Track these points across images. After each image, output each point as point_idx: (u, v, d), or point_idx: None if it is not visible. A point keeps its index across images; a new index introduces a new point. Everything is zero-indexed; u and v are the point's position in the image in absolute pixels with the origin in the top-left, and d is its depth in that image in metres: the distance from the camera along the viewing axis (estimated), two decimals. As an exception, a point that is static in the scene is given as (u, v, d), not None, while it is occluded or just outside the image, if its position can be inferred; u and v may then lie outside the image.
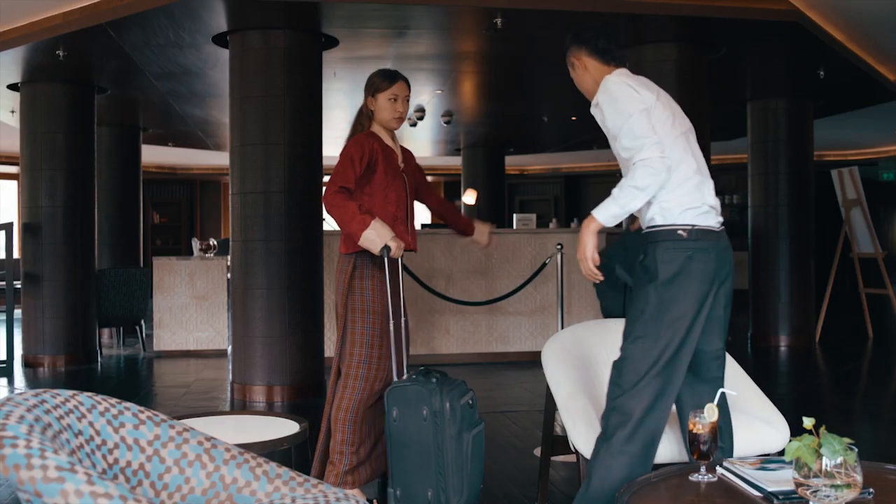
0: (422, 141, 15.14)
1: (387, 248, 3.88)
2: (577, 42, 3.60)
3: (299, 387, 6.83)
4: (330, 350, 8.06)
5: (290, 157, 6.82)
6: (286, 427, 3.53)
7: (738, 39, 7.56)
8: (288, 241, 6.79)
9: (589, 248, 3.24)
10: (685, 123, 3.33)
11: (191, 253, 10.54)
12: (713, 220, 3.11)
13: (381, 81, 4.44)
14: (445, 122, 12.01)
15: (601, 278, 3.34)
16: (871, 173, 17.59)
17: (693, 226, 3.05)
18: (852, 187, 10.24)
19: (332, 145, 14.89)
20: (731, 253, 3.17)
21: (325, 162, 7.74)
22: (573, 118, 12.46)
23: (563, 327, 6.09)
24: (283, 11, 6.52)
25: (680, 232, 3.05)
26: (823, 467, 2.19)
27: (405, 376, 3.68)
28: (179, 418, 3.51)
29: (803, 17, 7.04)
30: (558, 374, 3.53)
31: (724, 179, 18.18)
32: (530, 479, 4.46)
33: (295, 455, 3.73)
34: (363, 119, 4.42)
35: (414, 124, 11.81)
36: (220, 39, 7.13)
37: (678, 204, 3.08)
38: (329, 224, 8.44)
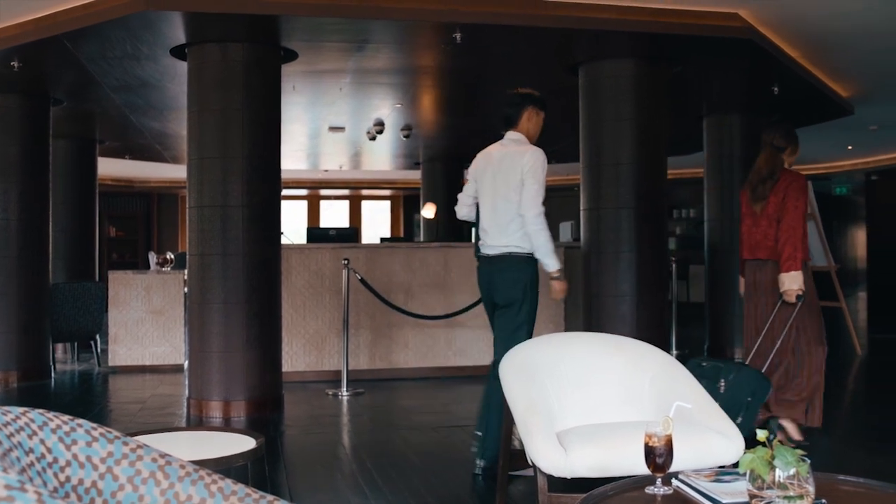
0: (381, 155, 15.14)
1: None
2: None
3: (257, 402, 6.78)
4: (288, 364, 8.02)
5: (249, 171, 6.78)
6: (243, 443, 3.49)
7: (695, 56, 7.66)
8: (246, 254, 6.75)
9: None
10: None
11: (147, 267, 10.45)
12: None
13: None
14: (405, 136, 12.02)
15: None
16: (825, 188, 17.88)
17: None
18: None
19: (291, 159, 14.98)
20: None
21: (284, 175, 7.72)
22: (532, 132, 12.51)
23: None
24: (242, 24, 6.50)
25: None
26: (776, 479, 2.21)
27: None
28: (134, 435, 3.47)
29: (757, 35, 7.15)
30: (515, 389, 3.54)
31: (681, 194, 18.39)
32: (489, 494, 4.46)
33: (252, 471, 3.71)
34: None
35: (373, 138, 11.82)
36: (178, 52, 7.08)
37: None
38: (287, 238, 8.41)
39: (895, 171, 16.36)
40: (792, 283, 5.18)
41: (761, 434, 2.26)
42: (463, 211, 5.33)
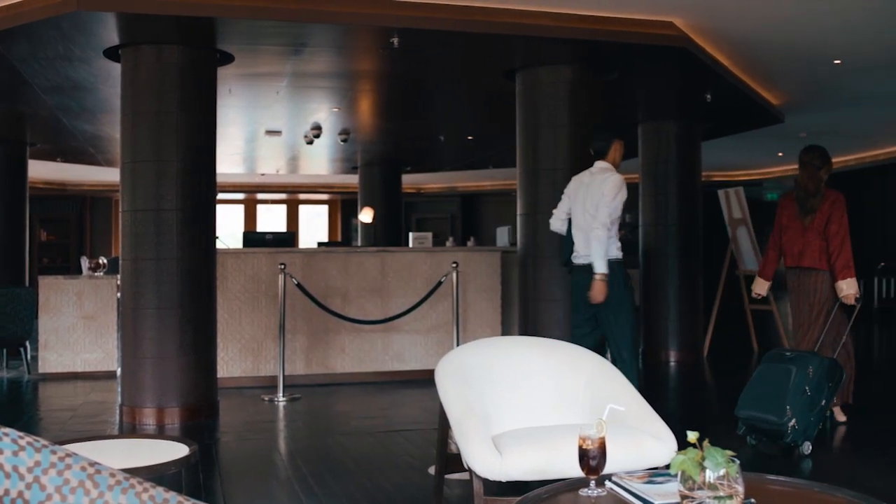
0: (318, 159, 15.08)
1: None
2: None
3: (192, 408, 6.69)
4: (224, 370, 7.94)
5: (183, 175, 6.70)
6: (176, 450, 3.45)
7: (630, 63, 7.76)
8: (180, 259, 6.66)
9: None
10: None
11: (79, 271, 10.25)
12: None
13: None
14: (342, 140, 11.98)
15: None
16: (757, 193, 18.22)
17: None
18: (738, 207, 10.58)
19: (228, 162, 14.82)
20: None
21: (220, 179, 7.65)
22: (469, 138, 12.58)
23: (458, 345, 6.12)
24: (176, 26, 6.42)
25: None
26: (707, 479, 2.25)
27: None
28: (64, 443, 3.41)
29: (691, 43, 7.27)
30: (451, 393, 3.55)
31: (617, 199, 18.55)
32: (425, 498, 4.47)
33: (185, 478, 3.66)
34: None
35: (310, 142, 11.76)
36: (111, 53, 6.97)
37: None
38: (223, 242, 8.34)
39: (824, 177, 16.72)
40: (849, 288, 5.92)
41: (691, 436, 2.30)
42: (556, 224, 6.27)
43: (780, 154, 15.59)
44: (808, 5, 6.53)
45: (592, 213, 5.73)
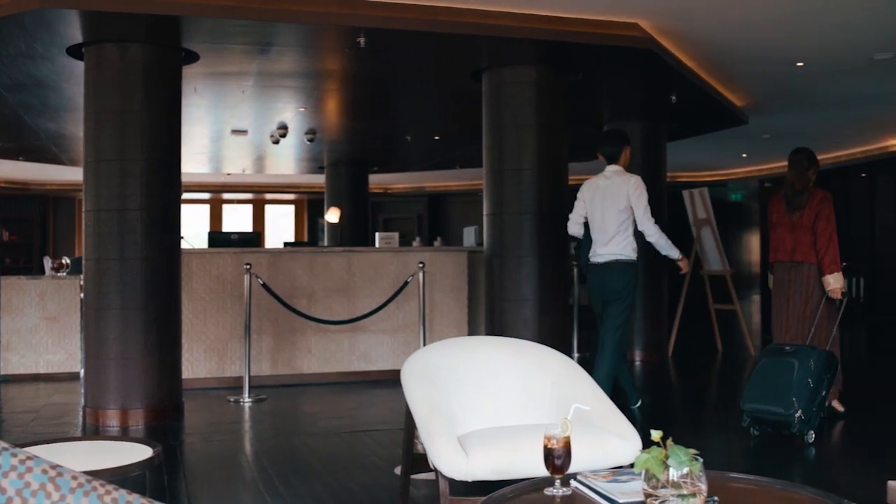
0: (284, 158, 15.02)
1: None
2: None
3: (156, 410, 6.64)
4: (189, 371, 7.89)
5: (148, 174, 6.65)
6: (139, 452, 3.43)
7: (595, 64, 7.80)
8: (144, 259, 6.61)
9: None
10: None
11: (42, 272, 10.13)
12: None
13: None
14: (309, 140, 11.94)
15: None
16: (721, 194, 18.39)
17: None
18: (702, 207, 10.67)
19: (193, 162, 14.72)
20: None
21: (186, 179, 7.60)
22: (436, 138, 12.59)
23: (425, 345, 6.13)
24: (141, 24, 6.36)
25: None
26: (670, 478, 2.27)
27: None
28: (26, 445, 3.37)
29: (656, 45, 7.32)
30: (417, 393, 3.55)
31: (583, 199, 18.65)
32: (391, 498, 4.46)
33: (150, 480, 3.64)
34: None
35: (276, 142, 11.71)
36: (75, 51, 6.90)
37: None
38: (188, 242, 8.28)
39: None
40: (836, 282, 6.22)
41: (655, 434, 2.31)
42: (573, 228, 6.74)
43: (745, 155, 15.75)
44: (772, 8, 6.60)
45: (614, 215, 6.30)
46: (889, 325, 13.85)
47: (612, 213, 6.31)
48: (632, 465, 2.43)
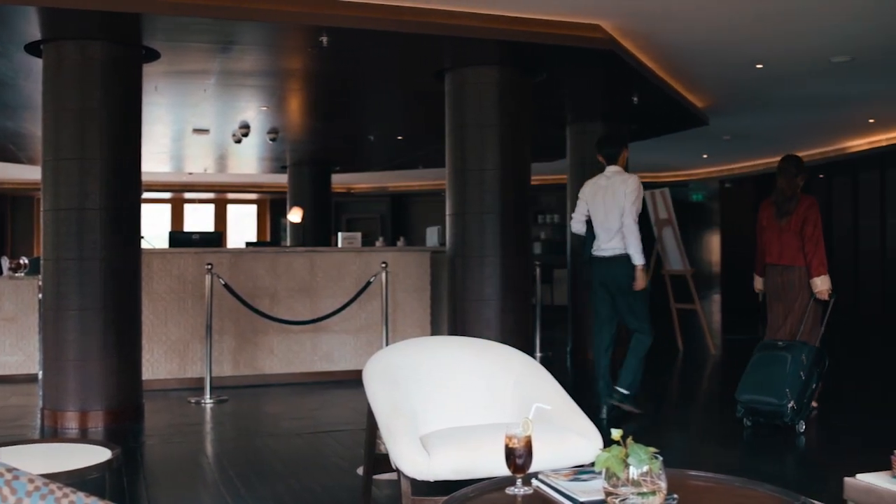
0: (247, 158, 14.93)
1: None
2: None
3: (116, 411, 6.57)
4: (149, 372, 7.82)
5: (107, 173, 6.58)
6: (98, 454, 3.39)
7: (558, 64, 7.83)
8: (104, 259, 6.54)
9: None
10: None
11: (0, 272, 9.99)
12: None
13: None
14: (271, 140, 11.88)
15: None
16: (682, 194, 18.55)
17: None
18: (664, 207, 10.76)
19: (154, 161, 14.59)
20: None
21: (146, 178, 7.53)
22: (399, 138, 12.58)
23: (387, 345, 6.12)
24: (101, 21, 6.30)
25: None
26: (630, 476, 2.28)
27: None
28: (-18, 447, 3.33)
29: (618, 46, 7.37)
30: (379, 393, 3.54)
31: (546, 199, 18.77)
32: (353, 499, 4.46)
33: (109, 483, 3.60)
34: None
35: (238, 141, 11.65)
36: (33, 48, 6.81)
37: None
38: (148, 242, 8.21)
39: (746, 179, 17.11)
40: (823, 284, 6.49)
41: (616, 433, 2.33)
42: (576, 226, 6.98)
43: (705, 156, 15.90)
44: (732, 11, 6.66)
45: (616, 212, 6.56)
46: (846, 325, 14.04)
47: (614, 210, 6.59)
48: (593, 464, 2.44)
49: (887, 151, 13.66)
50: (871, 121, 12.03)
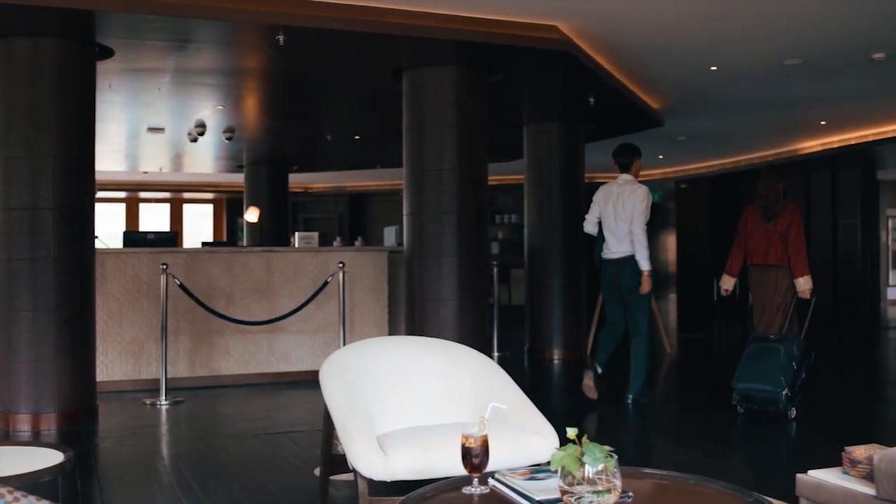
0: (203, 157, 14.81)
1: None
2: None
3: (69, 413, 6.48)
4: (104, 374, 7.73)
5: (60, 172, 6.49)
6: (50, 457, 3.34)
7: (515, 65, 7.86)
8: (57, 259, 6.45)
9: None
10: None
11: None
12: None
13: None
14: (227, 139, 11.80)
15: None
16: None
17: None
18: (620, 208, 10.82)
19: (108, 160, 14.42)
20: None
21: (101, 177, 7.44)
22: (357, 137, 12.55)
23: (345, 345, 6.11)
24: (53, 18, 6.21)
25: None
26: (586, 475, 2.30)
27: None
28: (-70, 451, 3.27)
29: (574, 47, 7.41)
30: (336, 393, 3.54)
31: (503, 199, 18.82)
32: (310, 499, 4.44)
33: (62, 486, 3.56)
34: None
35: (194, 140, 11.55)
36: (-18, 46, 6.70)
37: None
38: (102, 242, 8.12)
39: (702, 179, 17.29)
40: (806, 284, 6.94)
41: (571, 432, 2.35)
42: (589, 227, 7.45)
43: (661, 157, 16.03)
44: (687, 13, 6.73)
45: (626, 218, 7.03)
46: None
47: (623, 216, 7.06)
48: (549, 463, 2.45)
49: (838, 153, 13.88)
50: (823, 123, 12.21)
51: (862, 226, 15.19)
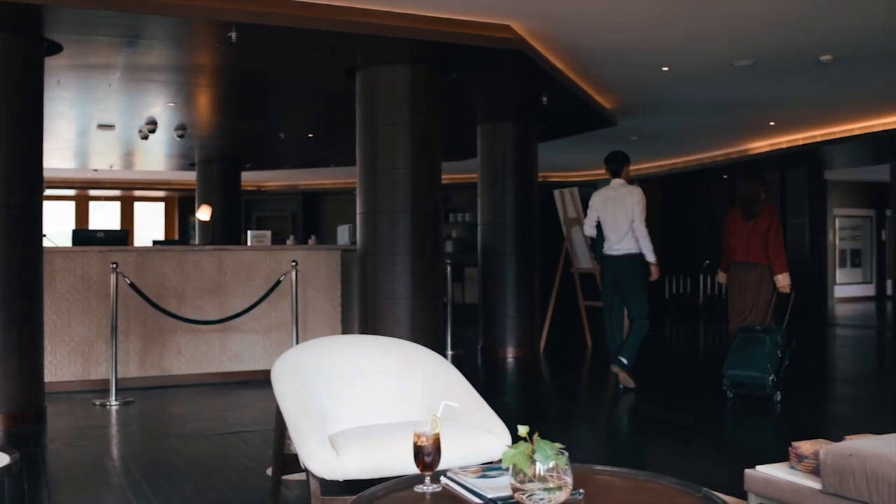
0: (154, 154, 14.65)
1: None
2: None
3: (16, 415, 6.37)
4: (52, 374, 7.62)
5: (7, 169, 6.37)
6: (-5, 459, 3.29)
7: (468, 64, 7.88)
8: (3, 258, 6.33)
9: None
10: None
11: None
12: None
13: None
14: (179, 136, 11.68)
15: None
16: (590, 194, 18.70)
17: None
18: (572, 207, 10.91)
19: (57, 157, 14.22)
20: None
21: (49, 174, 7.33)
22: (310, 135, 12.50)
23: (297, 344, 6.08)
24: (0, 13, 6.10)
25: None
26: (537, 472, 2.31)
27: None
28: None
29: (527, 47, 7.45)
30: (288, 393, 3.52)
31: (457, 198, 18.85)
32: (262, 499, 4.41)
33: (9, 489, 3.51)
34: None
35: (145, 137, 11.42)
36: (-74, 40, 6.57)
37: None
38: (50, 240, 8.00)
39: (653, 179, 17.45)
40: (785, 280, 7.57)
41: (522, 430, 2.36)
42: (588, 230, 8.20)
43: (613, 156, 16.12)
44: (639, 15, 6.79)
45: (624, 219, 7.68)
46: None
47: (622, 217, 7.70)
48: (501, 461, 2.46)
49: (787, 153, 14.10)
50: (772, 123, 12.40)
51: (810, 225, 15.45)
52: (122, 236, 9.97)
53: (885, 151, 13.56)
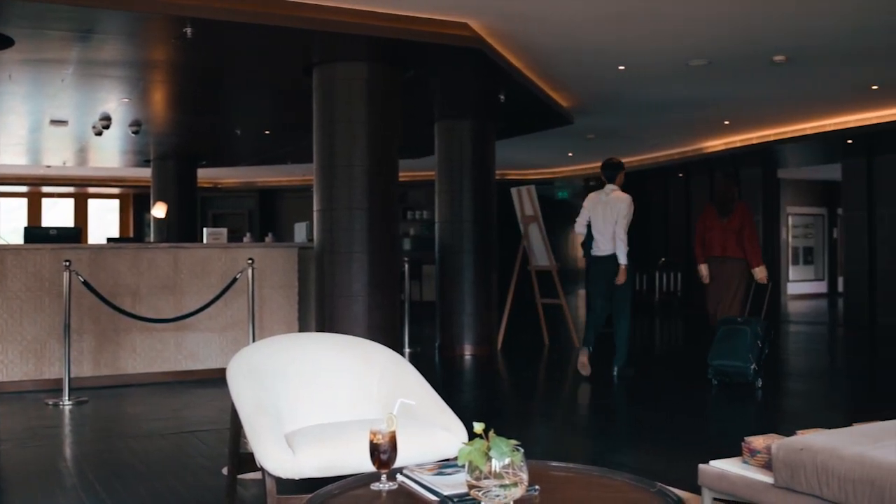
0: (108, 151, 14.48)
1: None
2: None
3: (-34, 414, 6.29)
4: (3, 374, 7.52)
5: (-44, 165, 6.28)
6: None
7: (426, 61, 7.88)
8: (-47, 255, 6.24)
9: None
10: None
11: None
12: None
13: None
14: (134, 132, 11.56)
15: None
16: (548, 192, 18.91)
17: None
18: (530, 205, 10.95)
19: (9, 153, 14.00)
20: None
21: (0, 171, 7.21)
22: (267, 132, 12.43)
23: (254, 342, 6.04)
24: (-53, 7, 6.01)
25: None
26: (493, 469, 2.32)
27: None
28: None
29: (485, 45, 7.47)
30: (244, 391, 3.50)
31: (415, 196, 18.84)
32: (217, 499, 4.38)
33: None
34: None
35: (99, 133, 11.29)
36: None
37: None
38: (1, 238, 7.87)
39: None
40: (761, 272, 8.19)
41: (478, 427, 2.36)
42: (579, 229, 8.58)
43: (570, 154, 16.25)
44: (594, 13, 6.84)
45: (612, 222, 8.09)
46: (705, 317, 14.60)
47: (610, 221, 8.13)
48: (457, 458, 2.47)
49: (741, 152, 14.27)
50: (727, 123, 12.54)
51: (763, 223, 15.65)
52: (75, 234, 9.83)
53: (836, 151, 13.79)
